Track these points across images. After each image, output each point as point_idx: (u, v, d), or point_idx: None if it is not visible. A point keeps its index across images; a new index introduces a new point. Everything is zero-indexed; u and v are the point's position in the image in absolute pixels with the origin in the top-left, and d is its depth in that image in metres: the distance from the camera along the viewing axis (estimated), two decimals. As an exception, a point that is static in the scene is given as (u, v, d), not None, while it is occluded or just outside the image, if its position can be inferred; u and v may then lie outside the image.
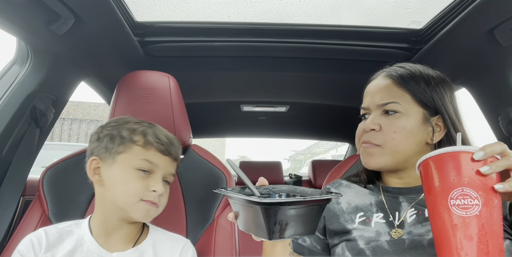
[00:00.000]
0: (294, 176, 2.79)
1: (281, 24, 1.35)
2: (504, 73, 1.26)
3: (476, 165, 0.53)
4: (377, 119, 0.78)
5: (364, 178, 0.87)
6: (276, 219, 0.54)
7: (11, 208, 1.06)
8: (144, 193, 0.77)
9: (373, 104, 0.80)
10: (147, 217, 0.79)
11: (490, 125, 1.36)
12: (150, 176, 0.79)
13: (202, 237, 1.03)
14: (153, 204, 0.78)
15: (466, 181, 0.53)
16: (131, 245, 0.81)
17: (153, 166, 0.79)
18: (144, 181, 0.78)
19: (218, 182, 1.10)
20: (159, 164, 0.80)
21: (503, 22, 1.02)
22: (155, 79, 1.14)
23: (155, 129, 0.84)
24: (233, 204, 0.64)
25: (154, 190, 0.78)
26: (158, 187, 0.78)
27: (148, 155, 0.79)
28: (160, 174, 0.80)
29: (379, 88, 0.81)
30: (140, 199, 0.77)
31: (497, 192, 0.53)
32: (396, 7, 1.22)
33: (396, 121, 0.76)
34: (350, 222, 0.80)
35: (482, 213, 0.51)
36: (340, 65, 1.54)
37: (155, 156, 0.80)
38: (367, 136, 0.79)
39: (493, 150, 0.54)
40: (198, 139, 2.96)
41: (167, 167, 0.82)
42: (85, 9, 0.99)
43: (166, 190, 0.82)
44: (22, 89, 1.11)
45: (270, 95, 1.95)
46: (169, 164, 0.83)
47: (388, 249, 0.71)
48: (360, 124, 0.84)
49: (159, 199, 0.79)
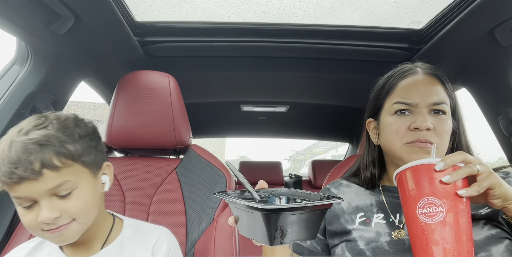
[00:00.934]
0: (294, 176, 2.79)
1: (281, 24, 1.35)
2: (504, 73, 1.26)
3: (439, 175, 0.58)
4: (429, 118, 0.74)
5: (366, 179, 0.85)
6: (277, 225, 0.53)
7: (11, 208, 1.06)
8: (40, 225, 0.65)
9: (425, 102, 0.75)
10: (66, 240, 0.68)
11: (490, 125, 1.36)
12: (35, 205, 0.65)
13: (202, 237, 1.03)
14: (58, 229, 0.65)
15: (430, 190, 0.58)
16: (100, 245, 0.76)
17: (23, 199, 0.65)
18: (31, 214, 0.65)
19: (218, 182, 1.10)
20: (26, 195, 0.64)
21: (503, 22, 1.02)
22: (155, 79, 1.15)
23: (3, 150, 0.64)
24: (233, 208, 0.63)
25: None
26: (41, 217, 0.63)
27: (10, 190, 0.65)
28: (41, 200, 0.64)
29: (431, 87, 0.77)
30: (43, 230, 0.66)
31: (462, 198, 0.57)
32: (396, 7, 1.22)
33: (445, 122, 0.75)
34: (351, 222, 0.80)
35: (447, 219, 0.56)
36: (340, 65, 1.54)
37: (15, 189, 0.64)
38: (422, 135, 0.73)
39: (453, 160, 0.59)
40: (198, 139, 2.96)
41: (35, 191, 0.63)
42: (85, 9, 0.99)
43: (68, 203, 0.66)
44: (22, 89, 1.11)
45: (270, 95, 1.95)
46: (35, 186, 0.63)
47: (388, 249, 0.71)
48: (397, 120, 0.77)
49: (64, 218, 0.66)
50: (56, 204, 0.65)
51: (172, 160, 1.21)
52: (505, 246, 0.66)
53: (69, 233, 0.67)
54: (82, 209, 0.68)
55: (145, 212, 1.08)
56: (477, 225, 0.69)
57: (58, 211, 0.65)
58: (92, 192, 0.71)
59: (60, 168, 0.64)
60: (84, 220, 0.69)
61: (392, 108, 0.78)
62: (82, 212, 0.68)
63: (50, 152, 0.64)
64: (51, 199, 0.65)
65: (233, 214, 0.64)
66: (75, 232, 0.68)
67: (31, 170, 0.62)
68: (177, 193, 1.10)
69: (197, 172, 1.13)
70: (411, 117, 0.75)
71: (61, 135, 0.66)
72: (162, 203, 1.09)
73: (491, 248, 0.65)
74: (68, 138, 0.67)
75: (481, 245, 0.66)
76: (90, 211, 0.70)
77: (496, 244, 0.66)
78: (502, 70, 1.26)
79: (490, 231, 0.68)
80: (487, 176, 0.59)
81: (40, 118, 0.69)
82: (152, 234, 0.80)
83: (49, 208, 0.64)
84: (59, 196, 0.65)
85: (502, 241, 0.66)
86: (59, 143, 0.65)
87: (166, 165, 1.17)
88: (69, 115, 0.73)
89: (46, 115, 0.71)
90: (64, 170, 0.65)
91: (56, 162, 0.64)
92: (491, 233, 0.68)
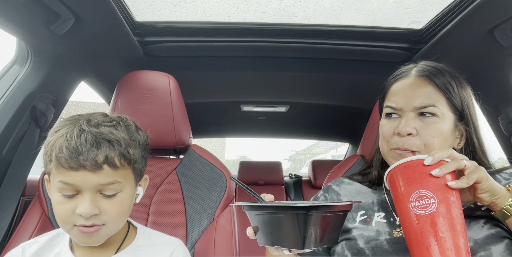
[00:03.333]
0: (294, 176, 2.79)
1: (281, 24, 1.35)
2: (504, 73, 1.26)
3: (429, 169, 0.61)
4: (413, 122, 0.73)
5: (374, 178, 0.86)
6: (310, 225, 0.54)
7: (11, 208, 1.06)
8: (73, 218, 0.65)
9: (410, 106, 0.75)
10: (90, 242, 0.68)
11: (490, 125, 1.37)
12: (76, 196, 0.66)
13: (202, 237, 1.03)
14: (89, 229, 0.65)
15: (421, 184, 0.61)
16: (113, 252, 0.74)
17: (70, 187, 0.65)
18: (69, 204, 0.65)
19: (218, 182, 1.10)
20: (76, 183, 0.64)
21: (503, 22, 1.02)
22: (155, 79, 1.15)
23: (71, 135, 0.65)
24: (254, 217, 0.62)
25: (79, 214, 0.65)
26: (81, 209, 0.64)
27: (61, 175, 0.65)
28: (87, 193, 0.65)
29: (417, 90, 0.76)
30: (73, 225, 0.66)
31: (453, 190, 0.60)
32: (396, 7, 1.22)
33: (433, 125, 0.73)
34: (351, 220, 0.80)
35: (440, 210, 0.59)
36: (340, 65, 1.54)
37: (67, 174, 0.64)
38: (402, 142, 0.73)
39: (441, 155, 0.62)
40: (198, 139, 2.96)
41: (87, 182, 0.64)
42: (85, 9, 0.99)
43: (110, 204, 0.67)
44: (22, 89, 1.11)
45: (270, 95, 1.95)
46: (89, 177, 0.64)
47: (388, 248, 0.71)
48: (386, 124, 0.78)
49: (100, 218, 0.66)
50: (99, 201, 0.66)
51: (172, 160, 1.21)
52: (505, 245, 0.66)
53: (96, 237, 0.68)
54: (118, 214, 0.69)
55: (145, 212, 1.09)
56: (477, 224, 0.70)
57: (99, 208, 0.65)
58: (131, 199, 0.72)
59: (118, 168, 0.67)
60: (114, 226, 0.70)
61: (384, 110, 0.81)
62: (116, 217, 0.68)
63: (116, 150, 0.66)
64: (96, 195, 0.66)
65: (252, 224, 0.63)
66: (102, 236, 0.69)
67: (95, 162, 0.63)
68: (177, 193, 1.10)
69: (197, 172, 1.13)
70: (398, 121, 0.76)
71: (127, 138, 0.69)
72: (162, 203, 1.09)
73: (491, 248, 0.65)
74: (132, 142, 0.70)
75: (481, 244, 0.66)
76: (122, 217, 0.71)
77: (496, 243, 0.66)
78: (502, 70, 1.26)
79: (490, 230, 0.68)
80: (475, 170, 0.62)
81: (106, 116, 0.72)
82: (167, 246, 0.80)
83: (92, 203, 0.65)
84: (104, 194, 0.67)
85: (502, 240, 0.66)
86: (125, 145, 0.68)
87: (166, 165, 1.17)
88: (129, 121, 0.75)
89: (108, 115, 0.73)
90: (119, 171, 0.67)
91: (117, 161, 0.66)
92: (491, 232, 0.68)
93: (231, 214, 1.07)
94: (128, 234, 0.78)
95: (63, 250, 0.74)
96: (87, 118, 0.69)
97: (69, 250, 0.74)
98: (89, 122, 0.68)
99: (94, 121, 0.68)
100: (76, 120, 0.69)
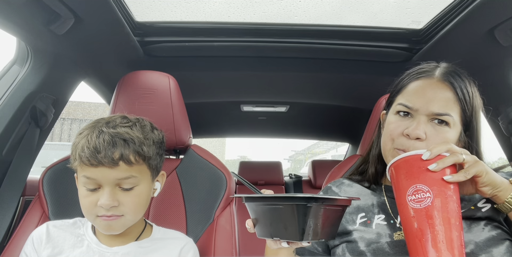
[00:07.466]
0: (294, 176, 2.79)
1: (281, 24, 1.35)
2: (504, 73, 1.26)
3: (426, 163, 0.62)
4: (424, 126, 0.72)
5: (371, 175, 0.85)
6: (309, 217, 0.55)
7: (11, 208, 1.06)
8: (96, 209, 0.74)
9: (426, 110, 0.72)
10: (111, 230, 0.77)
11: (490, 125, 1.36)
12: (98, 190, 0.75)
13: (202, 237, 1.03)
14: (109, 218, 0.74)
15: (418, 178, 0.62)
16: (132, 241, 0.83)
17: (92, 181, 0.74)
18: (92, 197, 0.74)
19: (218, 182, 1.10)
20: (97, 178, 0.73)
21: (503, 22, 1.02)
22: (155, 79, 1.15)
23: (91, 136, 0.74)
24: (254, 208, 0.62)
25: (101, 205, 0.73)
26: (102, 201, 0.73)
27: (83, 171, 0.74)
28: (106, 186, 0.74)
29: (438, 94, 0.73)
30: (96, 216, 0.75)
31: (450, 185, 0.61)
32: (396, 7, 1.22)
33: (443, 134, 0.72)
34: (351, 222, 0.79)
35: (435, 204, 0.60)
36: (340, 65, 1.54)
37: (88, 171, 0.73)
38: (409, 144, 0.72)
39: (439, 149, 0.62)
40: (198, 139, 2.96)
41: (106, 177, 0.73)
42: (85, 9, 0.99)
43: (127, 197, 0.75)
44: (22, 89, 1.11)
45: (270, 95, 1.95)
46: (107, 172, 0.73)
47: (389, 251, 0.71)
48: (395, 121, 0.76)
49: (119, 209, 0.74)
50: (117, 194, 0.74)
51: (172, 160, 1.20)
52: (506, 247, 0.66)
53: (116, 225, 0.76)
54: (136, 206, 0.77)
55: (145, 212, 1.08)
56: (477, 226, 0.69)
57: (117, 201, 0.74)
58: (147, 193, 0.80)
59: (133, 164, 0.74)
60: (132, 217, 0.77)
61: (396, 107, 0.77)
62: (134, 209, 0.77)
63: (130, 148, 0.74)
64: (115, 188, 0.74)
65: (252, 216, 0.63)
66: (121, 225, 0.77)
67: (111, 159, 0.72)
68: (177, 193, 1.10)
69: (197, 172, 1.13)
70: (409, 121, 0.74)
71: (142, 137, 0.77)
72: (162, 203, 1.09)
73: (492, 250, 0.65)
74: (146, 141, 0.78)
75: (482, 247, 0.66)
76: (140, 210, 0.79)
77: (497, 245, 0.66)
78: (502, 70, 1.26)
79: (491, 233, 0.68)
80: (474, 164, 0.62)
81: (124, 118, 0.80)
82: (180, 240, 0.89)
83: (111, 196, 0.73)
84: (122, 188, 0.75)
85: (503, 242, 0.66)
86: (139, 143, 0.76)
87: (166, 165, 1.17)
88: (145, 121, 0.83)
89: (127, 116, 0.81)
90: (135, 166, 0.75)
91: (132, 158, 0.74)
92: (492, 234, 0.68)
93: (231, 214, 1.07)
94: (145, 229, 0.87)
95: (86, 232, 0.83)
96: (107, 121, 0.78)
97: (92, 233, 0.83)
98: (108, 124, 0.76)
99: (112, 123, 0.77)
100: (97, 122, 0.78)
